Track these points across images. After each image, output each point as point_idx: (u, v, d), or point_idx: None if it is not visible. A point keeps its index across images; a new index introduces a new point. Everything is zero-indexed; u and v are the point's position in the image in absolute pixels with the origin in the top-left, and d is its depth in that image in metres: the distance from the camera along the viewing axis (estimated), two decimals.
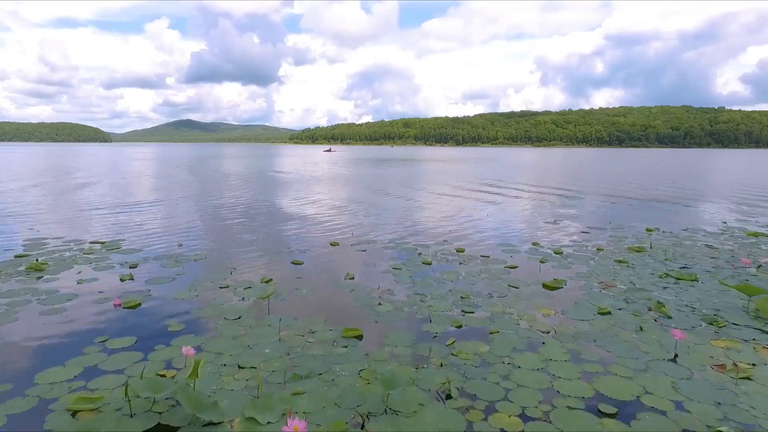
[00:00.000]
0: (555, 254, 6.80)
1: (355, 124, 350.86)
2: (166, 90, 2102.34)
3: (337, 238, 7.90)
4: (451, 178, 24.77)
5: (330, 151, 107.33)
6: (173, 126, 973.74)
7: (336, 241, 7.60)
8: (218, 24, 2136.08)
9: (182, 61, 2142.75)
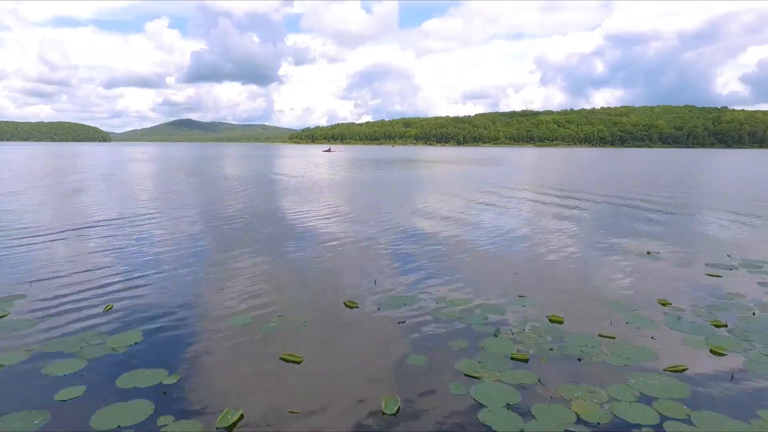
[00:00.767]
0: (715, 327, 4.56)
1: (355, 124, 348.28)
2: (165, 89, 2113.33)
3: (354, 294, 5.64)
4: (476, 185, 22.27)
5: (329, 151, 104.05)
6: (173, 125, 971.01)
7: (353, 301, 5.33)
8: (218, 23, 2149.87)
9: (182, 61, 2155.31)
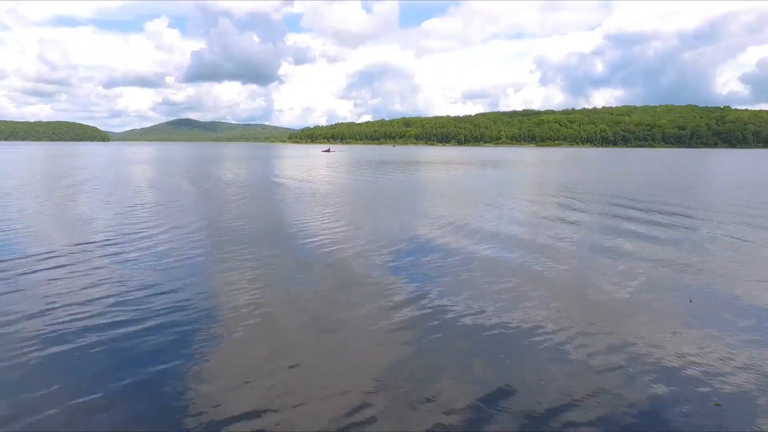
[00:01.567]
0: None
1: (354, 124, 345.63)
2: (165, 89, 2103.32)
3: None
4: (512, 192, 19.70)
5: (329, 151, 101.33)
6: (172, 125, 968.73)
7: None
8: (218, 23, 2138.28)
9: (182, 60, 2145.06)
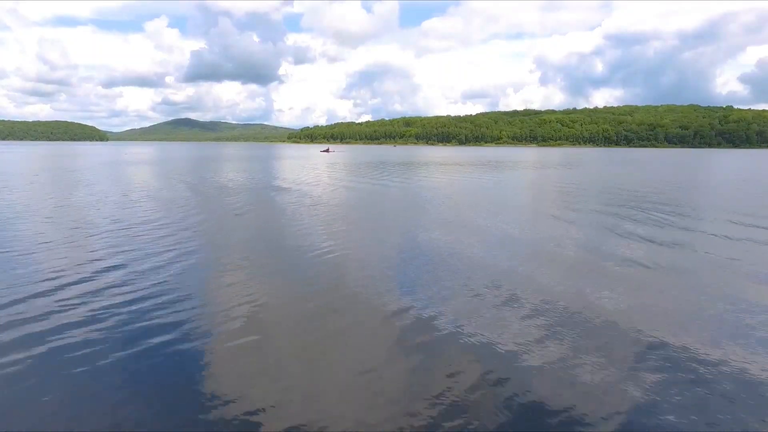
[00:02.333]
0: None
1: (354, 123, 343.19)
2: (165, 89, 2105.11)
3: None
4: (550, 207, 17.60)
5: (328, 151, 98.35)
6: (172, 125, 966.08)
7: None
8: (218, 23, 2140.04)
9: (182, 60, 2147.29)
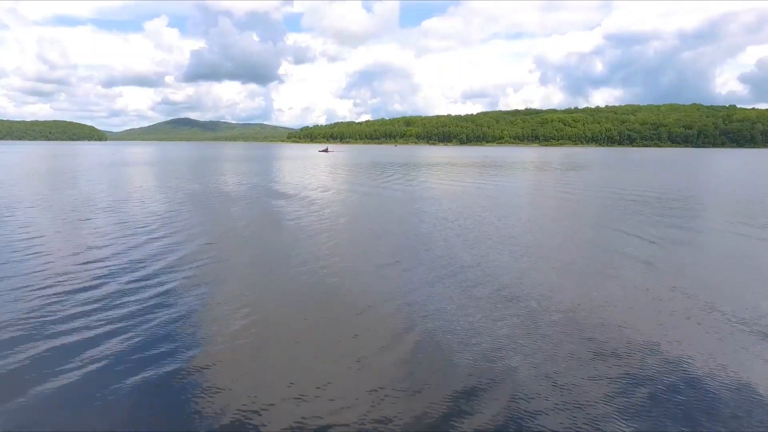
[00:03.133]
0: None
1: (354, 123, 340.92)
2: (165, 88, 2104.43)
3: None
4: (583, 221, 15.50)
5: (327, 151, 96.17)
6: (171, 124, 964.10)
7: None
8: (218, 22, 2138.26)
9: (181, 60, 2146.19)
